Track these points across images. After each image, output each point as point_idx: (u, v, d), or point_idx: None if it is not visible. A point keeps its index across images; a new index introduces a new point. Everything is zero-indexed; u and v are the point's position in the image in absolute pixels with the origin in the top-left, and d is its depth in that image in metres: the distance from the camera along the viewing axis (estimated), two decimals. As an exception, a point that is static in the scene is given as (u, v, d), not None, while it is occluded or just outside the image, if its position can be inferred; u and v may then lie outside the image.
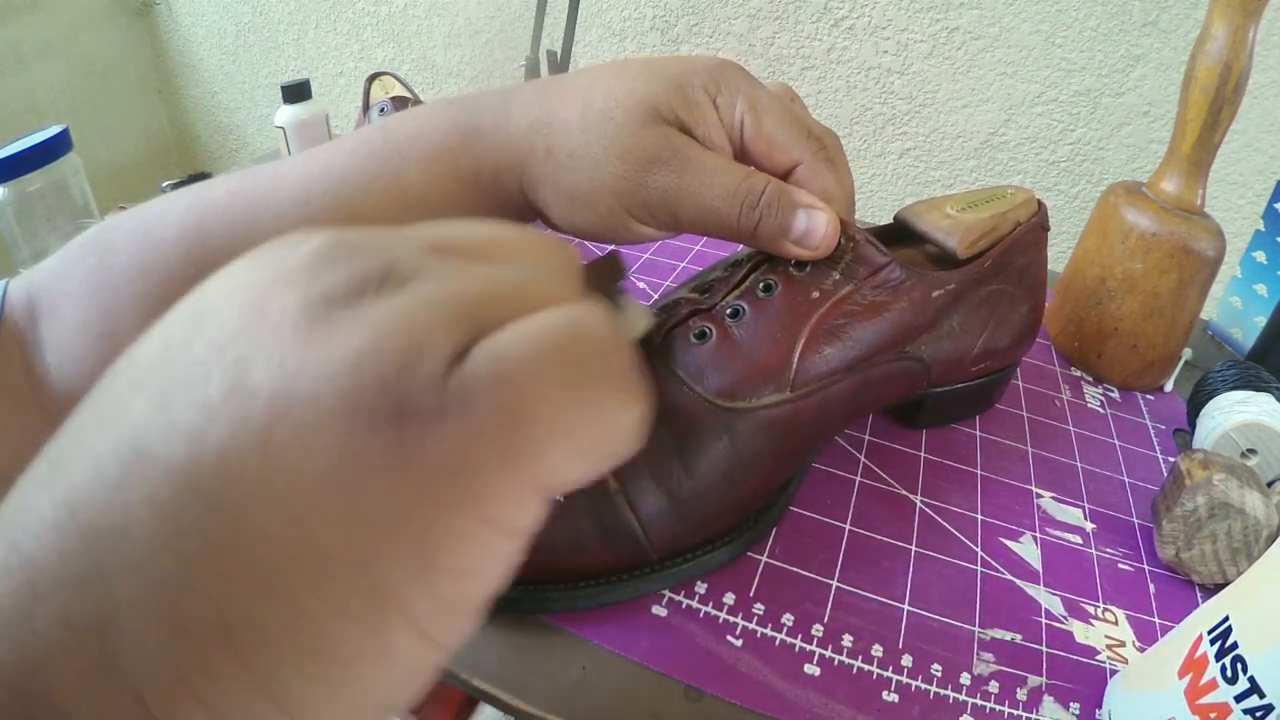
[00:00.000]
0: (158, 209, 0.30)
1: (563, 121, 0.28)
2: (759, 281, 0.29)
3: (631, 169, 0.27)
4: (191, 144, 1.24)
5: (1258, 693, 0.19)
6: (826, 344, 0.28)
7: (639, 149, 0.27)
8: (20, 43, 0.97)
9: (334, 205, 0.28)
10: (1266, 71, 0.60)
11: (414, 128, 0.29)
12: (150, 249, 0.28)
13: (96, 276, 0.28)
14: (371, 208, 0.29)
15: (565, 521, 0.26)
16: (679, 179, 0.27)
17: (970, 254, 0.32)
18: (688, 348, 0.28)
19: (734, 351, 0.28)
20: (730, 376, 0.28)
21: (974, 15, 0.67)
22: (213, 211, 0.29)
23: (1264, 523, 0.28)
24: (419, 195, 0.29)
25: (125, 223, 0.30)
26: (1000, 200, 0.35)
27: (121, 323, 0.28)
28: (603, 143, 0.27)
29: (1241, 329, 0.48)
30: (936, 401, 0.36)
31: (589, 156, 0.27)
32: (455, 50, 0.93)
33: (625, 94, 0.27)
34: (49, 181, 0.55)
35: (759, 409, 0.28)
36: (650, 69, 0.28)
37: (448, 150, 0.29)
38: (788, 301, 0.29)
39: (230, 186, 0.30)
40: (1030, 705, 0.26)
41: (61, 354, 0.28)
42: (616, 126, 0.27)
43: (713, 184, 0.27)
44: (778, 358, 0.28)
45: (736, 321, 0.29)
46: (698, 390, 0.28)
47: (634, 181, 0.27)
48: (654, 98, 0.27)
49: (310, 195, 0.29)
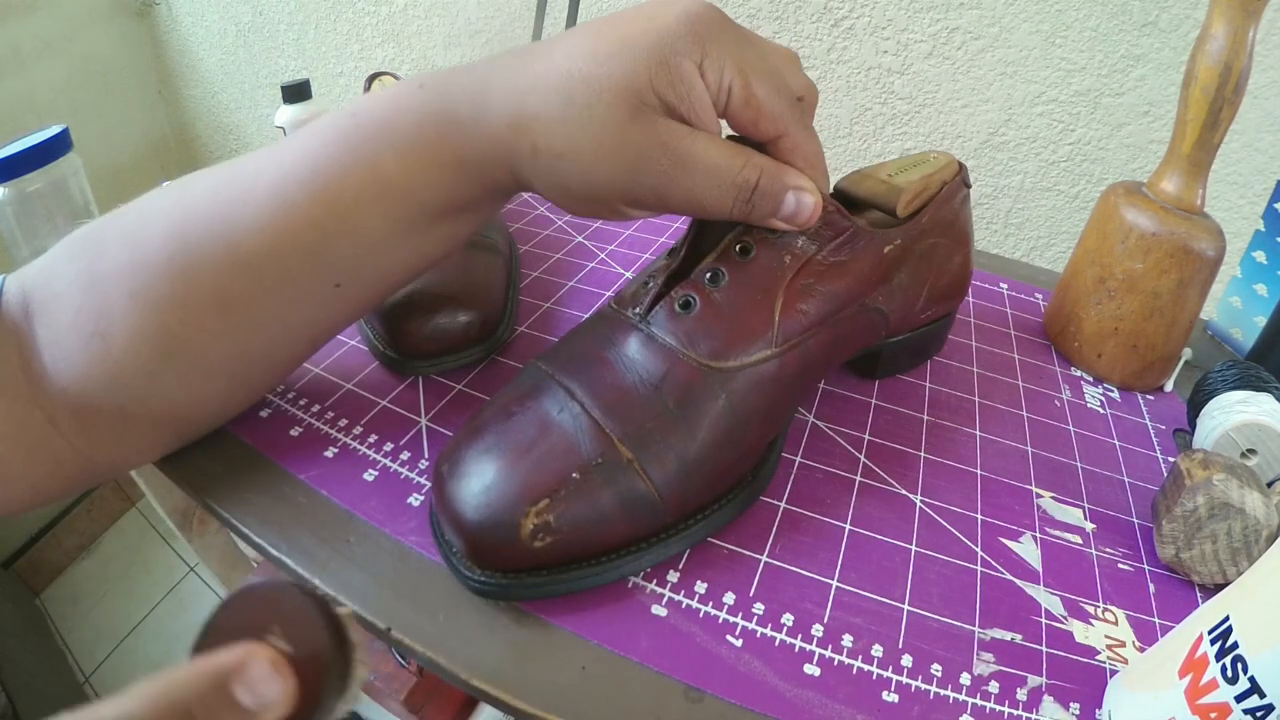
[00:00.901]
0: (143, 209, 0.30)
1: (545, 120, 0.26)
2: (735, 244, 0.30)
3: (621, 171, 0.26)
4: (191, 144, 1.24)
5: (1258, 693, 0.19)
6: (801, 302, 0.31)
7: (628, 149, 0.26)
8: (20, 43, 0.97)
9: (311, 198, 0.28)
10: (1266, 71, 0.60)
11: (385, 114, 0.28)
12: (138, 249, 0.28)
13: (88, 275, 0.28)
14: (349, 199, 0.28)
15: (586, 498, 0.27)
16: (670, 177, 0.27)
17: (908, 212, 0.35)
18: (675, 317, 0.30)
19: (719, 315, 0.30)
20: (720, 340, 0.29)
21: (974, 15, 0.67)
22: (194, 212, 0.29)
23: (1264, 523, 0.28)
24: (400, 185, 0.28)
25: (113, 223, 0.30)
26: (926, 164, 0.38)
27: (112, 323, 0.28)
28: (589, 143, 0.26)
29: (1241, 329, 0.48)
30: (891, 352, 0.40)
31: (577, 158, 0.27)
32: (455, 50, 0.93)
33: (605, 82, 0.25)
34: (49, 181, 0.55)
35: (749, 366, 0.30)
36: (626, 43, 0.26)
37: (422, 140, 0.28)
38: (763, 265, 0.30)
39: (210, 183, 0.29)
40: (1030, 705, 0.26)
41: (55, 353, 0.28)
42: (600, 125, 0.26)
43: (706, 180, 0.27)
44: (761, 318, 0.30)
45: (716, 287, 0.30)
46: (691, 356, 0.29)
47: (625, 181, 0.27)
48: (635, 81, 0.25)
49: (287, 188, 0.28)
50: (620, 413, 0.28)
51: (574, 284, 0.47)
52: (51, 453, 0.29)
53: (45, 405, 0.28)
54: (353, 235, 0.29)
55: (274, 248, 0.28)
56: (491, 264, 0.42)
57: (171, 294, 0.28)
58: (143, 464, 0.33)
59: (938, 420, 0.39)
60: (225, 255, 0.28)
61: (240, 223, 0.28)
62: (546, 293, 0.46)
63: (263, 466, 0.33)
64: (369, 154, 0.28)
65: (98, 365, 0.28)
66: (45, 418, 0.28)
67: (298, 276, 0.29)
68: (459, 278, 0.39)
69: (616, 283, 0.48)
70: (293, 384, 0.38)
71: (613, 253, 0.51)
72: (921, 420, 0.38)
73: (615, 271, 0.49)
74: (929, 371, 0.42)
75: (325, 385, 0.38)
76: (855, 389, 0.40)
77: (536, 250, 0.51)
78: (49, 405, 0.28)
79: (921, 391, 0.40)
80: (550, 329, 0.43)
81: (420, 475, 0.33)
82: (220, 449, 0.34)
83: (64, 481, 0.30)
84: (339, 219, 0.28)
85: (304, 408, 0.36)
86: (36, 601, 1.15)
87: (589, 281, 0.48)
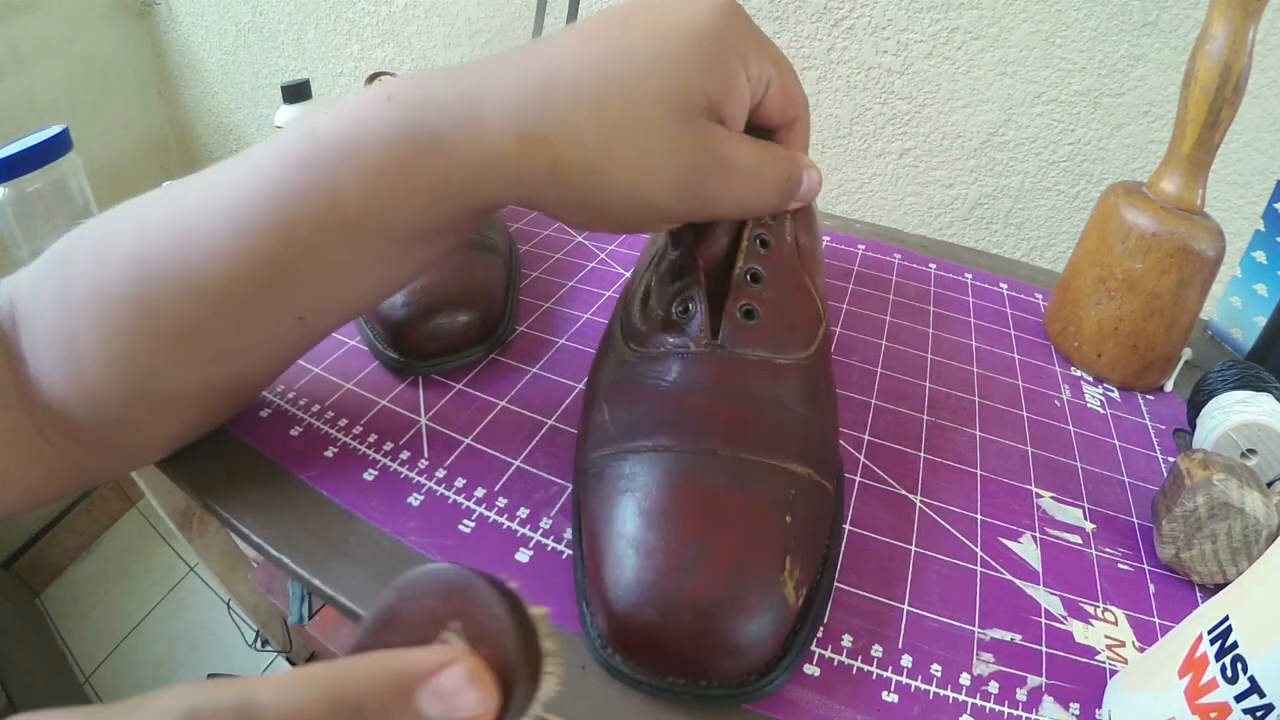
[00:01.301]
0: (110, 227, 0.28)
1: (572, 129, 0.23)
2: (755, 240, 0.31)
3: (670, 186, 0.24)
4: (191, 144, 1.24)
5: (1258, 692, 0.19)
6: (814, 274, 0.33)
7: (679, 161, 0.24)
8: (20, 43, 0.97)
9: (266, 229, 0.25)
10: (1266, 71, 0.60)
11: (346, 134, 0.25)
12: (100, 274, 0.27)
13: (60, 297, 0.27)
14: (305, 230, 0.25)
15: (809, 528, 0.27)
16: (722, 186, 0.26)
17: None
18: (745, 329, 0.29)
19: (780, 311, 0.30)
20: (799, 332, 0.30)
21: (974, 15, 0.67)
22: (152, 237, 0.26)
23: (1264, 523, 0.28)
24: (361, 213, 0.25)
25: (84, 238, 0.28)
26: None
27: (81, 346, 0.26)
28: (634, 154, 0.24)
29: (1241, 329, 0.48)
30: None
31: (618, 174, 0.24)
32: (455, 50, 0.93)
33: (648, 85, 0.23)
34: (49, 181, 0.55)
35: (823, 342, 0.31)
36: (668, 40, 0.24)
37: (392, 162, 0.24)
38: (782, 253, 0.31)
39: (167, 208, 0.27)
40: (1030, 705, 0.26)
41: (38, 367, 0.27)
42: (645, 135, 0.23)
43: (749, 180, 0.26)
44: (807, 299, 0.31)
45: (761, 286, 0.30)
46: (787, 359, 0.29)
47: (674, 197, 0.25)
48: (685, 86, 0.23)
49: (243, 215, 0.25)
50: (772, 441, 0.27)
51: (574, 284, 0.47)
52: (43, 459, 0.28)
53: (34, 415, 0.28)
54: (313, 268, 0.26)
55: (231, 278, 0.26)
56: (491, 264, 0.42)
57: (133, 324, 0.26)
58: (136, 469, 0.33)
59: (938, 420, 0.39)
60: (182, 285, 0.26)
61: (197, 250, 0.25)
62: (546, 293, 0.46)
63: (263, 466, 0.33)
64: (326, 180, 0.25)
65: (73, 386, 0.27)
66: (34, 427, 0.28)
67: (258, 309, 0.27)
68: (459, 278, 0.39)
69: (616, 283, 0.48)
70: (293, 384, 0.38)
71: (613, 253, 0.51)
72: (921, 420, 0.38)
73: (615, 271, 0.49)
74: (929, 371, 0.42)
75: (325, 385, 0.38)
76: (855, 389, 0.40)
77: (536, 250, 0.51)
78: (36, 416, 0.28)
79: (921, 391, 0.40)
80: (550, 329, 0.43)
81: (420, 475, 0.33)
82: (220, 449, 0.34)
83: (58, 486, 0.30)
84: (298, 250, 0.25)
85: (304, 408, 0.36)
86: (36, 601, 1.15)
87: (589, 281, 0.48)
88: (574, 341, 0.42)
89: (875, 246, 0.56)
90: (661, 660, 0.23)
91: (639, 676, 0.24)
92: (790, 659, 0.24)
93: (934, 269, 0.54)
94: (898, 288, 0.51)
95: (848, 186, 0.81)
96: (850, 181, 0.80)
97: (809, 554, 0.26)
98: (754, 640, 0.23)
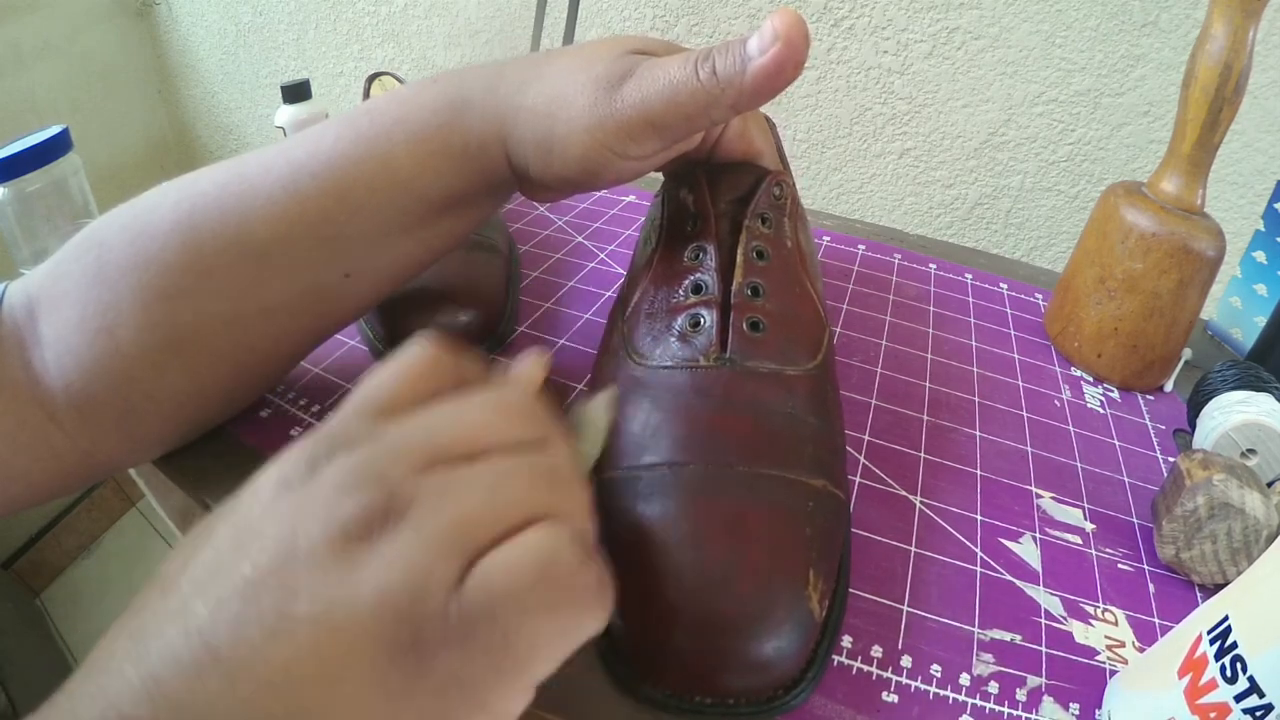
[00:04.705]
0: (148, 204, 0.30)
1: (546, 76, 0.29)
2: (751, 251, 0.31)
3: (602, 91, 0.28)
4: (191, 144, 1.24)
5: (1257, 692, 0.19)
6: (813, 280, 0.33)
7: (608, 73, 0.28)
8: (20, 43, 0.97)
9: (322, 190, 0.29)
10: (1266, 71, 0.60)
11: (400, 110, 0.30)
12: (144, 243, 0.29)
13: (94, 273, 0.29)
14: (361, 190, 0.29)
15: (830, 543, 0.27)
16: (642, 80, 0.28)
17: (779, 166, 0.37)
18: (754, 342, 0.29)
19: (785, 322, 0.30)
20: (807, 341, 0.30)
21: (974, 15, 0.67)
22: (203, 203, 0.29)
23: (1264, 523, 0.28)
24: (408, 176, 0.30)
25: (117, 219, 0.30)
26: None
27: (120, 317, 0.28)
28: (578, 81, 0.28)
29: (1241, 329, 0.48)
30: None
31: (563, 97, 0.28)
32: (455, 50, 0.93)
33: (610, 45, 0.29)
34: (49, 181, 0.55)
35: (828, 350, 0.31)
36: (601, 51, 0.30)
37: (435, 129, 0.30)
38: (781, 260, 0.31)
39: (217, 179, 0.30)
40: (1030, 706, 0.26)
41: (61, 351, 0.29)
42: (592, 69, 0.28)
43: (669, 66, 0.27)
44: (809, 306, 0.31)
45: (764, 298, 0.30)
46: (796, 370, 0.29)
47: (605, 104, 0.28)
48: (622, 42, 0.29)
49: (299, 181, 0.29)
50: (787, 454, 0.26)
51: (574, 284, 0.47)
52: (51, 449, 0.29)
53: (47, 403, 0.29)
54: (364, 226, 0.30)
55: (286, 236, 0.29)
56: (491, 264, 0.42)
57: (180, 285, 0.28)
58: (142, 462, 0.33)
59: (938, 420, 0.39)
60: (236, 245, 0.29)
61: (252, 213, 0.29)
62: (546, 293, 0.46)
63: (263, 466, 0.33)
64: (382, 150, 0.29)
65: (105, 360, 0.28)
66: (46, 415, 0.29)
67: (308, 264, 0.30)
68: (459, 277, 0.39)
69: (616, 283, 0.48)
70: (293, 384, 0.38)
71: (613, 253, 0.51)
72: (921, 420, 0.38)
73: (615, 271, 0.49)
74: (929, 371, 0.42)
75: (325, 385, 0.38)
76: (855, 389, 0.40)
77: (536, 250, 0.51)
78: (50, 403, 0.29)
79: (921, 391, 0.40)
80: (550, 329, 0.43)
81: (420, 475, 0.33)
82: (220, 449, 0.34)
83: (63, 479, 0.30)
84: (351, 210, 0.29)
85: (304, 408, 0.36)
86: (36, 601, 1.15)
87: (589, 281, 0.48)
88: (574, 342, 0.42)
89: (875, 246, 0.56)
90: (690, 681, 0.23)
91: (667, 699, 0.23)
92: (814, 671, 0.24)
93: (934, 269, 0.54)
94: (898, 288, 0.51)
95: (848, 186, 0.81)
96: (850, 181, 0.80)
97: (828, 565, 0.25)
98: (783, 655, 0.23)
